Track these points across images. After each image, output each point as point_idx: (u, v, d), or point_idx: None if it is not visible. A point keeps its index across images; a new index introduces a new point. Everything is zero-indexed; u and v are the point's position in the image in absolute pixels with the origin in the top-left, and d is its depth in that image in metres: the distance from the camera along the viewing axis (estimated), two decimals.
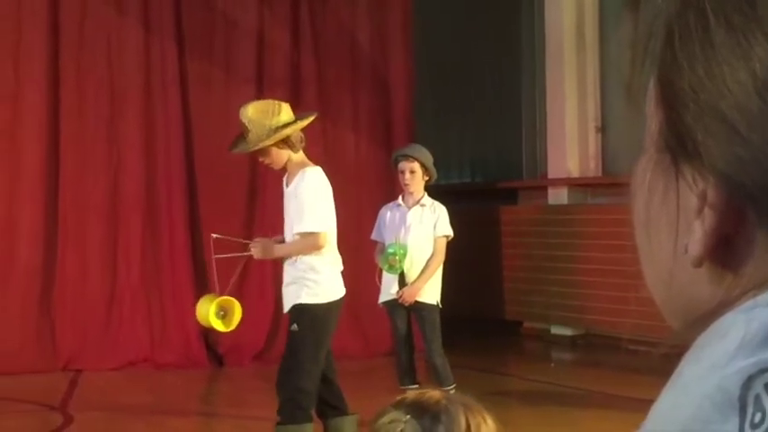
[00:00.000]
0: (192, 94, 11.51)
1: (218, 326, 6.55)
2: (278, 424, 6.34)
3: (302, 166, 6.46)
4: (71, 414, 8.86)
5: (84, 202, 11.09)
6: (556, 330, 12.55)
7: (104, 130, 11.23)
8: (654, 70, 0.75)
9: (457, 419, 2.14)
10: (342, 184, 11.72)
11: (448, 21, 14.63)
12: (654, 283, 0.79)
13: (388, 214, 7.98)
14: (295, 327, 6.35)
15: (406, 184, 7.86)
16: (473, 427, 2.14)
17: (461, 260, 11.61)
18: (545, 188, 12.98)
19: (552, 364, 11.53)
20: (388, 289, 7.76)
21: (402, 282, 7.72)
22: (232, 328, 6.66)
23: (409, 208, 7.87)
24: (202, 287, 11.33)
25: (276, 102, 6.57)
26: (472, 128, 14.67)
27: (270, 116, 6.33)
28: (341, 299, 6.57)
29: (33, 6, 10.99)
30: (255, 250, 6.63)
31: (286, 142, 6.34)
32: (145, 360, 11.06)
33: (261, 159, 6.51)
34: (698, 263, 0.73)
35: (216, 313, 6.51)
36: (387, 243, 7.77)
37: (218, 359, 11.28)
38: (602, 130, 12.42)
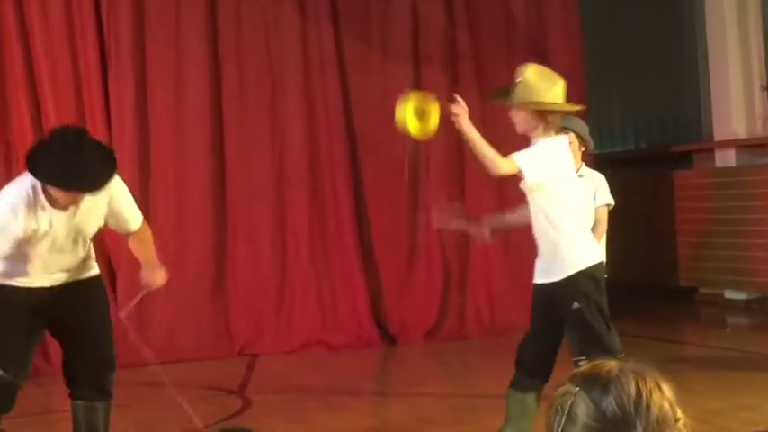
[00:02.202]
0: (350, 72, 11.54)
1: (413, 127, 6.17)
2: None
3: None
4: (249, 397, 9.02)
5: (250, 185, 11.22)
6: (730, 295, 12.31)
7: (266, 112, 11.33)
8: None
9: (627, 388, 2.11)
10: None
11: None
12: None
13: None
14: (576, 304, 6.20)
15: None
16: (645, 395, 2.11)
17: (633, 227, 11.50)
18: (712, 151, 12.72)
19: (728, 330, 11.32)
20: None
21: None
22: (428, 131, 6.25)
23: None
24: (371, 266, 11.44)
25: (557, 75, 6.36)
26: (633, 94, 14.45)
27: (545, 82, 6.25)
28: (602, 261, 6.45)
29: None
30: None
31: (543, 117, 6.25)
32: (318, 342, 11.17)
33: (511, 115, 6.33)
34: None
35: (414, 112, 6.16)
36: None
37: (389, 338, 11.34)
38: None
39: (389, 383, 10.06)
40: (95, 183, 5.58)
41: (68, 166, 5.45)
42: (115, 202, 5.91)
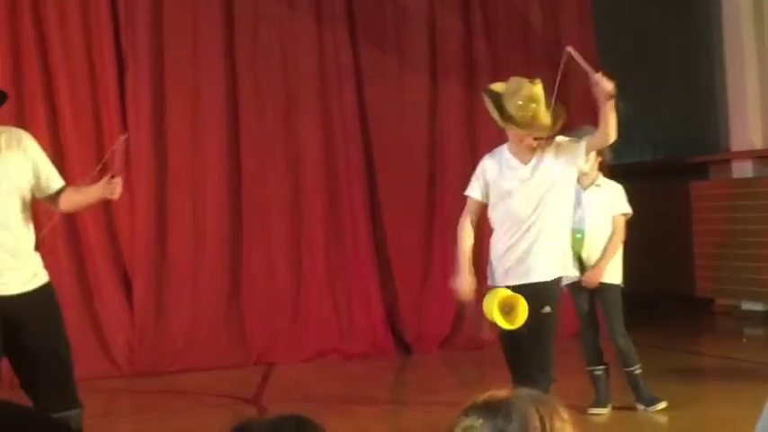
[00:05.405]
0: (367, 83, 11.55)
1: (502, 322, 6.54)
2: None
3: None
4: (264, 406, 9.03)
5: (266, 196, 11.23)
6: (746, 306, 12.28)
7: (282, 124, 11.34)
8: None
9: (529, 414, 2.14)
10: None
11: None
12: None
13: None
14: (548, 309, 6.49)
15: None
16: (547, 420, 2.13)
17: (649, 238, 11.46)
18: (728, 161, 12.70)
19: (744, 340, 11.30)
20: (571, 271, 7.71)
21: (581, 265, 7.65)
22: (516, 325, 6.60)
23: (584, 189, 7.80)
24: (387, 275, 11.45)
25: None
26: (650, 104, 14.41)
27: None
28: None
29: (209, 7, 11.21)
30: None
31: None
32: (333, 350, 11.17)
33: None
34: None
35: (500, 309, 6.52)
36: None
37: (405, 347, 11.35)
38: None
39: (404, 392, 10.05)
40: None
41: None
42: (36, 157, 5.95)
